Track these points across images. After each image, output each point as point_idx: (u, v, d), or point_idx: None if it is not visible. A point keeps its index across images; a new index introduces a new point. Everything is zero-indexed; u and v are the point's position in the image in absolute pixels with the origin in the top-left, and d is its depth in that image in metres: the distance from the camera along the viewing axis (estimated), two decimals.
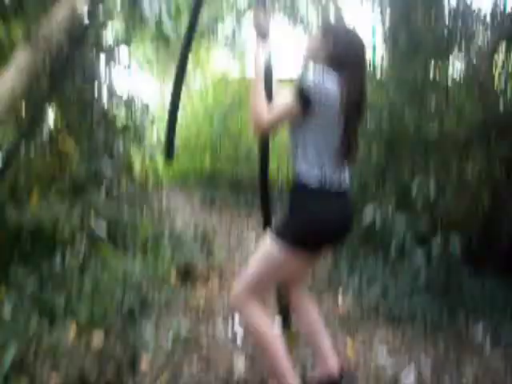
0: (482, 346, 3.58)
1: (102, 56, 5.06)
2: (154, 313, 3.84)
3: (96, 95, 4.99)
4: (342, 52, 2.43)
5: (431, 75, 5.10)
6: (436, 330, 3.78)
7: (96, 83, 4.97)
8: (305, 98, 2.30)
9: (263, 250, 2.53)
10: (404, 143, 5.10)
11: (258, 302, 2.52)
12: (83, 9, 1.63)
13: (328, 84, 2.30)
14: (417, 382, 3.09)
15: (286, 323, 3.29)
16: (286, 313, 3.25)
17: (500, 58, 4.97)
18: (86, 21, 3.87)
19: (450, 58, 5.04)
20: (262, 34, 2.59)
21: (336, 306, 4.29)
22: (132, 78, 5.74)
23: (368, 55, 6.36)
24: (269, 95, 2.56)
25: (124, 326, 3.47)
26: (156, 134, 5.32)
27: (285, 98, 2.37)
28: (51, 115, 4.83)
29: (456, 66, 5.15)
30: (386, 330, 3.84)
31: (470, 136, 4.63)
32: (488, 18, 4.88)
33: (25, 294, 3.48)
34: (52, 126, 4.73)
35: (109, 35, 5.04)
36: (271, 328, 2.55)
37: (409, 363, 3.32)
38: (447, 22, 5.00)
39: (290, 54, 13.80)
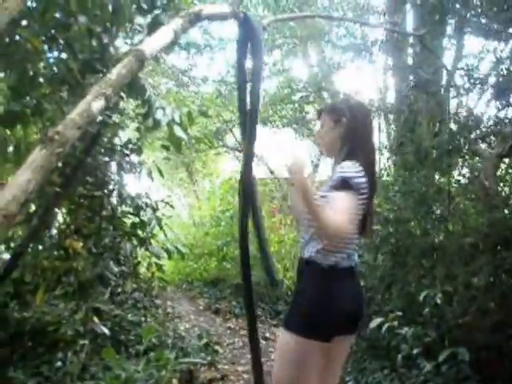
0: None
1: (113, 162, 5.19)
2: None
3: (106, 199, 5.06)
4: (360, 127, 2.59)
5: (436, 184, 5.21)
6: None
7: (106, 187, 5.06)
8: (356, 189, 2.38)
9: (281, 349, 2.52)
10: (410, 252, 5.12)
11: None
12: (99, 110, 1.70)
13: (362, 173, 2.42)
14: None
15: None
16: None
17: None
18: (100, 119, 4.01)
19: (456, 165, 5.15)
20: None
21: None
22: (142, 183, 5.84)
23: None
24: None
25: None
26: (163, 235, 5.34)
27: (341, 198, 2.37)
28: (60, 216, 4.89)
29: (462, 172, 5.26)
30: None
31: (475, 245, 4.65)
32: (490, 123, 5.04)
33: None
34: (60, 227, 4.78)
35: (121, 141, 5.18)
36: None
37: None
38: (451, 130, 5.16)
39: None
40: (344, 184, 2.38)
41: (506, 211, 4.74)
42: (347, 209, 2.36)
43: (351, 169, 2.41)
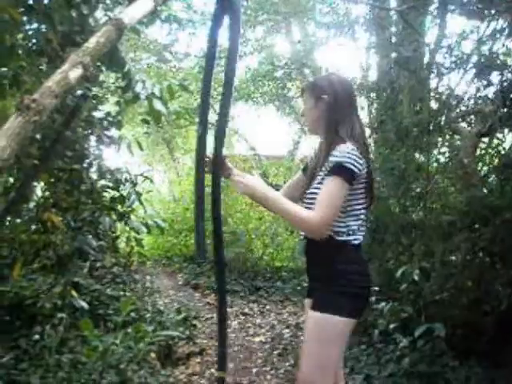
0: None
1: (93, 135, 5.15)
2: None
3: (85, 173, 5.03)
4: (342, 103, 2.57)
5: (416, 162, 5.23)
6: None
7: (86, 160, 5.02)
8: (350, 177, 2.39)
9: (319, 331, 2.49)
10: (389, 229, 5.16)
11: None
12: (76, 79, 1.67)
13: (357, 153, 2.42)
14: None
15: None
16: None
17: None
18: (80, 92, 3.97)
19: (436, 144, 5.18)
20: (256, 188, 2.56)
21: None
22: (122, 158, 5.81)
23: None
24: None
25: None
26: (143, 210, 5.32)
27: (327, 187, 2.40)
28: (38, 189, 4.85)
29: (441, 151, 5.29)
30: None
31: (454, 222, 4.68)
32: (471, 103, 5.06)
33: None
34: (39, 200, 4.74)
35: (100, 115, 5.13)
36: None
37: None
38: (432, 108, 5.17)
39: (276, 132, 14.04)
40: (339, 169, 2.38)
41: (484, 190, 4.78)
42: (336, 198, 2.39)
43: (346, 153, 2.39)
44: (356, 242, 2.50)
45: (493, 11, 5.28)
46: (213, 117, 4.13)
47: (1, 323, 4.08)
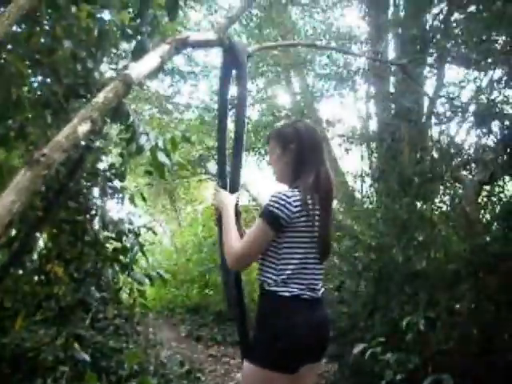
0: None
1: (96, 187, 5.18)
2: None
3: (88, 224, 5.03)
4: (310, 151, 2.54)
5: (419, 211, 5.24)
6: None
7: (89, 212, 5.04)
8: (273, 222, 2.36)
9: (247, 383, 2.46)
10: (393, 279, 5.14)
11: None
12: (85, 134, 1.70)
13: (292, 200, 2.37)
14: None
15: None
16: None
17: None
18: (84, 143, 4.00)
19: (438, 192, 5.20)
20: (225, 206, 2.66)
21: None
22: (124, 209, 5.82)
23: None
24: None
25: None
26: (145, 261, 5.30)
27: (253, 226, 2.43)
28: (42, 240, 4.85)
29: (444, 199, 5.30)
30: None
31: (458, 271, 4.66)
32: (471, 151, 5.10)
33: None
34: (42, 251, 4.74)
35: (104, 166, 5.16)
36: None
37: None
38: (433, 157, 5.22)
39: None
40: (264, 212, 2.39)
41: (488, 238, 4.77)
42: (255, 238, 2.41)
43: (277, 197, 2.38)
44: (287, 294, 2.39)
45: (490, 60, 5.37)
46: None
47: (2, 376, 4.02)
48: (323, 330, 2.54)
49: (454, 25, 6.01)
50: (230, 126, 3.16)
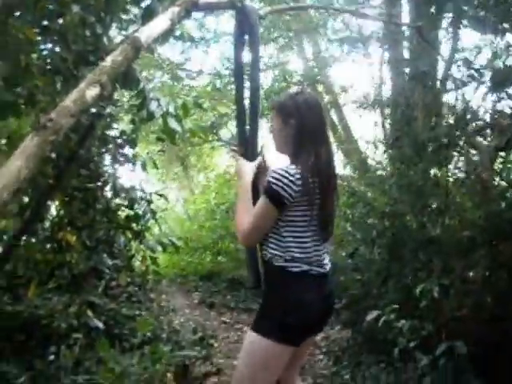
0: None
1: (107, 154, 5.16)
2: None
3: (100, 191, 5.03)
4: (310, 128, 2.47)
5: (433, 177, 5.18)
6: None
7: (100, 179, 5.03)
8: (276, 201, 2.33)
9: (248, 351, 2.47)
10: (407, 246, 5.10)
11: None
12: (93, 98, 1.65)
13: (295, 178, 2.32)
14: None
15: None
16: None
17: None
18: (94, 110, 3.98)
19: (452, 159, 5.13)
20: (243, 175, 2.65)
21: None
22: (136, 176, 5.80)
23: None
24: None
25: None
26: (158, 229, 5.30)
27: (260, 204, 2.40)
28: (53, 208, 4.85)
29: (458, 165, 5.23)
30: None
31: (472, 238, 4.62)
32: (487, 117, 5.02)
33: None
34: (54, 219, 4.74)
35: (115, 133, 5.13)
36: None
37: None
38: (447, 123, 5.14)
39: None
40: (267, 189, 2.35)
41: (503, 204, 4.71)
42: (260, 217, 2.39)
43: (279, 174, 2.33)
44: (295, 269, 2.39)
45: (506, 25, 5.25)
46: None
47: (16, 343, 4.06)
48: (329, 304, 2.56)
49: None
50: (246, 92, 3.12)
